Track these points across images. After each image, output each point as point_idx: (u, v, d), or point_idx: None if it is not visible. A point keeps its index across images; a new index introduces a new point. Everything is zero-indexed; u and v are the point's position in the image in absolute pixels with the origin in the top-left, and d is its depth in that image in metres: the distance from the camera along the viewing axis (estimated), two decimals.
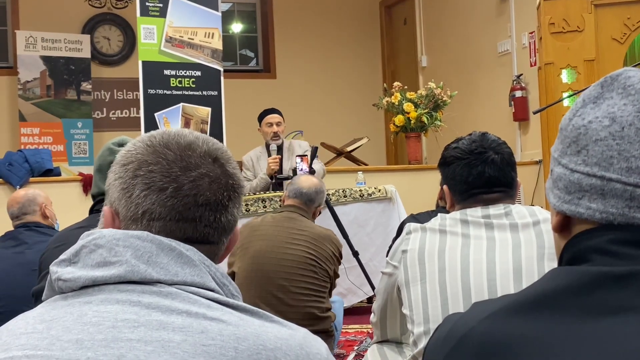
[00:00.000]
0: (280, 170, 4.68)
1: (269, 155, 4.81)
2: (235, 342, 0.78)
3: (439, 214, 1.71)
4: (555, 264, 0.83)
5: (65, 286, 0.84)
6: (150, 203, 0.88)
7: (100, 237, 0.85)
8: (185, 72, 5.59)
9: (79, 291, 0.83)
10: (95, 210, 1.97)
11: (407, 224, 1.74)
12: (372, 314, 1.92)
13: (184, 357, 0.75)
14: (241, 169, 5.00)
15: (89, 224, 1.91)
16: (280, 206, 3.58)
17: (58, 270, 0.86)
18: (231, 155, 0.96)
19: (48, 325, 0.79)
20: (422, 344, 1.56)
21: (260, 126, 4.96)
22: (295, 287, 2.95)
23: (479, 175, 1.67)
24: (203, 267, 0.86)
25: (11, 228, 3.10)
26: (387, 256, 1.80)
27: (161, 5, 5.53)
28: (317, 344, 0.85)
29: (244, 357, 0.77)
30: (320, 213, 3.37)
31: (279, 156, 4.72)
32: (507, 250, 1.58)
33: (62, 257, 0.86)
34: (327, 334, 3.03)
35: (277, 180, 4.65)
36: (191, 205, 0.89)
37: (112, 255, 0.83)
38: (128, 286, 0.82)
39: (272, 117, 4.89)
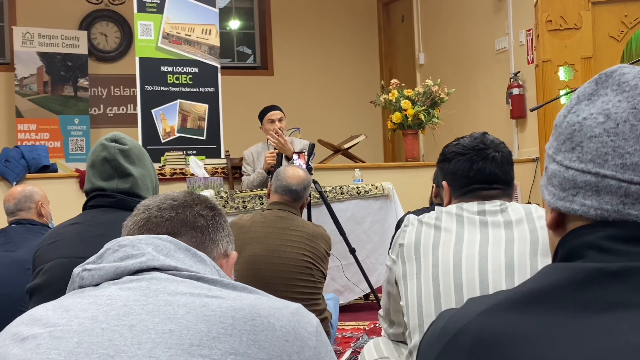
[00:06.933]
0: (279, 166, 4.65)
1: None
2: (233, 312, 0.88)
3: (436, 208, 1.72)
4: (549, 260, 0.83)
5: (89, 275, 0.95)
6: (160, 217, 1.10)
7: (124, 239, 0.99)
8: (182, 69, 5.58)
9: (95, 286, 0.95)
10: (88, 206, 1.89)
11: (407, 216, 1.75)
12: (382, 308, 1.93)
13: (187, 325, 0.85)
14: (241, 164, 5.01)
15: (82, 220, 1.88)
16: (267, 198, 3.46)
17: (83, 266, 0.97)
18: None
19: (66, 308, 0.90)
20: (416, 338, 1.57)
21: (262, 124, 4.89)
22: (293, 292, 2.88)
23: (479, 171, 1.68)
24: (213, 269, 1.00)
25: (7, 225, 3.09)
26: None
27: (158, 1, 5.52)
28: (310, 315, 0.94)
29: (241, 324, 0.87)
30: (308, 202, 3.25)
31: (276, 150, 4.68)
32: (500, 246, 1.59)
33: (87, 261, 0.99)
34: None
35: None
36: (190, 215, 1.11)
37: (135, 250, 0.96)
38: (138, 275, 0.93)
39: (274, 114, 4.84)
